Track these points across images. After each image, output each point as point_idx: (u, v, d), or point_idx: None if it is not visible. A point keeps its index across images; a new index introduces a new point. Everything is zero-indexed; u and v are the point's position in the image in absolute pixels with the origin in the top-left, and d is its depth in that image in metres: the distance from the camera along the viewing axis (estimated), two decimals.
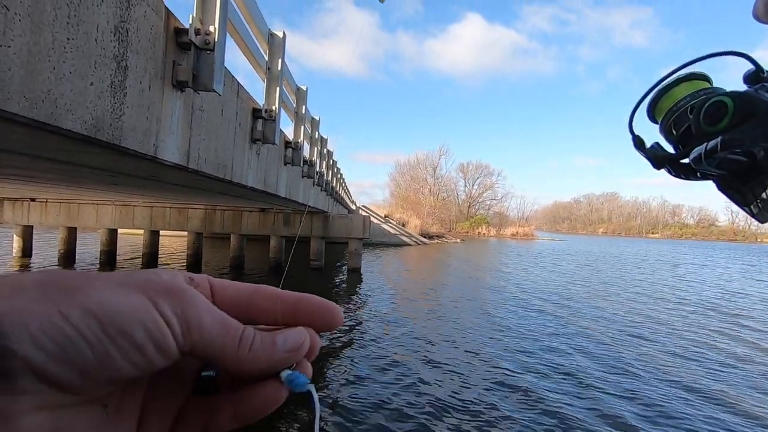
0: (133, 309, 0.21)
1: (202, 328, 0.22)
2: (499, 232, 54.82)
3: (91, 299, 0.20)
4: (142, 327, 0.21)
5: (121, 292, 0.21)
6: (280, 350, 0.25)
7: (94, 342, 0.19)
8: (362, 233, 12.26)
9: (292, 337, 0.26)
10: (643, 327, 7.28)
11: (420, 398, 3.90)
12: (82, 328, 0.19)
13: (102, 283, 0.21)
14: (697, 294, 11.71)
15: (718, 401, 4.24)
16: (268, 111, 3.83)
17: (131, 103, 1.93)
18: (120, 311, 0.20)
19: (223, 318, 0.23)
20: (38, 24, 1.33)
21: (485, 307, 8.29)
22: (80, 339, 0.19)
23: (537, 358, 5.24)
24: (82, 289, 0.20)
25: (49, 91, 1.44)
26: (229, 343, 0.23)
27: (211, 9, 2.25)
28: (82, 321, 0.19)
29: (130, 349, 0.20)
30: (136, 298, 0.21)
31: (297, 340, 0.26)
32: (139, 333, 0.21)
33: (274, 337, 0.25)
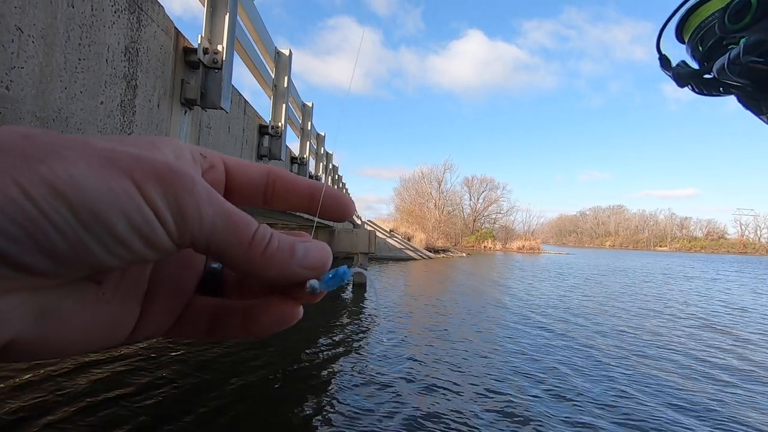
0: (112, 193, 0.17)
1: (203, 222, 0.19)
2: (505, 245, 54.52)
3: (58, 174, 0.16)
4: (124, 216, 0.17)
5: (99, 170, 0.17)
6: (298, 263, 0.21)
7: (65, 228, 0.16)
8: (368, 248, 12.23)
9: (314, 251, 0.22)
10: (655, 346, 7.14)
11: (424, 421, 3.82)
12: (48, 210, 0.16)
13: (75, 155, 0.17)
14: (710, 310, 11.50)
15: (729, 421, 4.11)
16: (275, 127, 3.87)
17: (140, 122, 1.95)
18: (95, 194, 0.16)
19: (230, 212, 0.20)
20: (51, 45, 1.36)
21: (491, 325, 8.18)
22: (47, 223, 0.16)
23: (539, 380, 5.13)
24: (48, 160, 0.16)
25: (60, 110, 1.46)
26: (237, 241, 0.19)
27: (219, 29, 2.30)
28: (46, 201, 0.15)
29: (110, 241, 0.17)
30: (117, 180, 0.17)
31: (319, 257, 0.22)
32: (120, 223, 0.17)
33: (293, 244, 0.21)
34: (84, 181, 0.16)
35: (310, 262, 0.22)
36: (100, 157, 0.17)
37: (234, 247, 0.19)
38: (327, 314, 8.01)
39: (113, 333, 0.21)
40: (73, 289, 0.19)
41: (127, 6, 1.73)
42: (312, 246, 0.22)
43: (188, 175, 0.19)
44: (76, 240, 0.16)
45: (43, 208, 0.15)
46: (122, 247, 0.17)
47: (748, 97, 0.60)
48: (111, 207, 0.17)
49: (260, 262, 0.20)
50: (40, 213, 0.15)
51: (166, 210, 0.18)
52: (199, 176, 0.20)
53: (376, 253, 20.14)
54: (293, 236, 0.24)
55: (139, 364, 4.65)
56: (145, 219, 0.17)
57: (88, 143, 0.17)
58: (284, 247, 0.21)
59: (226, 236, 0.19)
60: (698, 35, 0.63)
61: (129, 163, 0.17)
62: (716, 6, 0.61)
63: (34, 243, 0.16)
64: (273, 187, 0.25)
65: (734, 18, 0.54)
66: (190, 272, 0.25)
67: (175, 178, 0.18)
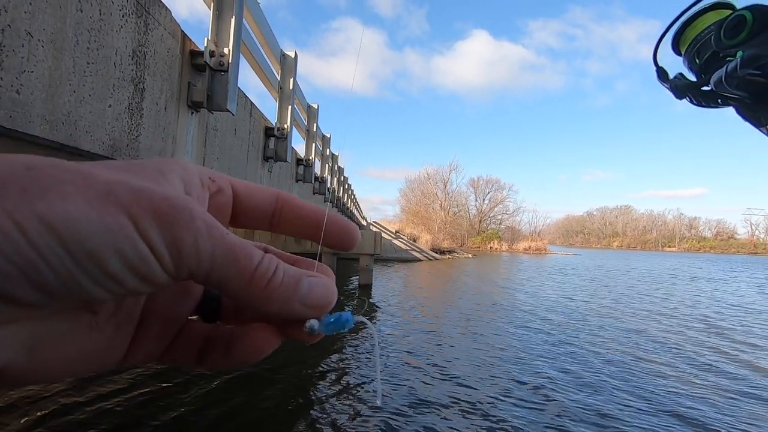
0: (107, 230, 0.17)
1: (201, 256, 0.18)
2: (511, 246, 54.29)
3: (54, 210, 0.16)
4: (117, 253, 0.17)
5: (96, 205, 0.17)
6: (300, 301, 0.21)
7: (56, 264, 0.16)
8: (373, 249, 12.23)
9: (318, 289, 0.22)
10: (672, 352, 7.06)
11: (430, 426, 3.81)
12: (40, 246, 0.16)
13: (75, 190, 0.17)
14: (721, 313, 11.37)
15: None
16: (280, 129, 3.88)
17: (147, 124, 1.97)
18: (89, 231, 0.16)
19: (231, 244, 0.19)
20: (60, 49, 1.38)
21: (498, 326, 8.14)
22: (38, 258, 0.16)
23: (549, 390, 5.10)
24: (45, 195, 0.16)
25: (68, 113, 1.47)
26: (237, 275, 0.19)
27: (225, 31, 2.31)
28: (40, 237, 0.16)
29: (102, 277, 0.17)
30: (112, 217, 0.17)
31: (323, 296, 0.22)
32: (113, 260, 0.17)
33: (298, 279, 0.21)
34: (79, 218, 0.16)
35: (313, 301, 0.21)
36: (99, 192, 0.17)
37: (234, 280, 0.19)
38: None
39: (103, 359, 0.21)
40: (66, 318, 0.19)
41: (134, 10, 1.75)
42: (317, 283, 0.22)
43: (186, 209, 0.18)
44: (68, 275, 0.16)
45: (36, 243, 0.15)
46: (114, 282, 0.17)
47: (747, 109, 0.61)
48: (105, 244, 0.17)
49: (262, 295, 0.20)
50: (32, 248, 0.15)
51: (162, 245, 0.18)
52: (199, 208, 0.19)
53: (382, 254, 20.13)
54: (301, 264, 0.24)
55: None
56: (139, 255, 0.17)
57: (90, 176, 0.17)
58: (288, 281, 0.21)
59: (226, 270, 0.19)
60: (695, 48, 0.63)
61: (127, 197, 0.17)
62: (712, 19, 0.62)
63: (24, 277, 0.16)
64: (281, 212, 0.25)
65: (730, 33, 0.55)
66: (187, 299, 0.25)
67: (173, 213, 0.18)
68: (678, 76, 0.68)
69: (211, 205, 0.23)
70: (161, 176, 0.20)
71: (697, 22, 0.64)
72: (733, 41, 0.55)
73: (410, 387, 4.53)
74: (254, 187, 0.25)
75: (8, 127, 1.20)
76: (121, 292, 0.18)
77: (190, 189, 0.21)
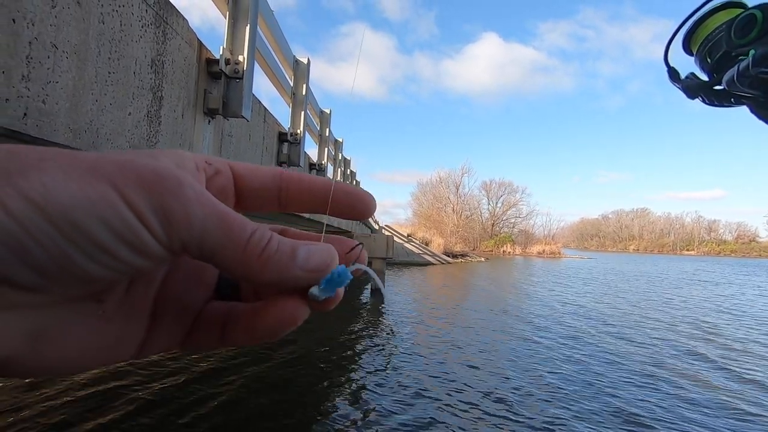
0: (90, 201, 0.16)
1: (192, 224, 0.18)
2: (524, 250, 53.72)
3: (33, 185, 0.16)
4: (104, 223, 0.16)
5: (78, 178, 0.16)
6: (299, 266, 0.20)
7: (45, 240, 0.16)
8: (386, 253, 12.23)
9: (316, 254, 0.21)
10: (692, 360, 6.90)
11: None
12: (26, 223, 0.15)
13: (55, 165, 0.16)
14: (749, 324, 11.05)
15: None
16: (294, 134, 3.93)
17: (165, 131, 2.01)
18: (71, 202, 0.16)
19: (223, 212, 0.19)
20: (83, 60, 1.42)
21: (513, 334, 8.06)
22: (26, 236, 0.15)
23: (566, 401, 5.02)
24: (25, 172, 0.16)
25: (91, 122, 1.52)
26: (231, 243, 0.18)
27: (240, 39, 2.36)
28: (22, 213, 0.15)
29: (93, 250, 0.16)
30: (94, 188, 0.16)
31: (321, 259, 0.21)
32: (101, 231, 0.16)
33: (294, 246, 0.20)
34: (59, 190, 0.16)
35: (312, 265, 0.20)
36: (81, 168, 0.17)
37: (228, 249, 0.18)
38: (342, 319, 8.02)
39: (116, 351, 0.21)
40: (71, 307, 0.19)
41: (153, 20, 1.80)
42: (315, 248, 0.21)
43: (173, 177, 0.18)
44: (58, 252, 0.16)
45: (21, 221, 0.15)
46: (107, 255, 0.17)
47: (761, 108, 0.60)
48: (89, 214, 0.16)
49: (257, 265, 0.19)
50: (17, 225, 0.15)
51: (151, 214, 0.17)
52: (188, 177, 0.19)
53: (394, 258, 20.10)
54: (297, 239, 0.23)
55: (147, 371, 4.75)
56: (127, 224, 0.17)
57: (74, 155, 0.17)
58: (284, 249, 0.20)
59: (218, 238, 0.18)
60: (706, 47, 0.63)
61: (111, 170, 0.17)
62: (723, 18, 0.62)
63: (14, 257, 0.15)
64: (287, 189, 0.24)
65: (740, 32, 0.55)
66: (201, 285, 0.24)
67: (159, 181, 0.18)
68: (690, 75, 0.68)
69: (210, 188, 0.22)
70: (152, 158, 0.20)
71: (708, 21, 0.63)
72: (744, 40, 0.55)
73: (423, 396, 4.51)
74: (254, 166, 0.24)
75: (35, 136, 1.25)
76: (117, 267, 0.17)
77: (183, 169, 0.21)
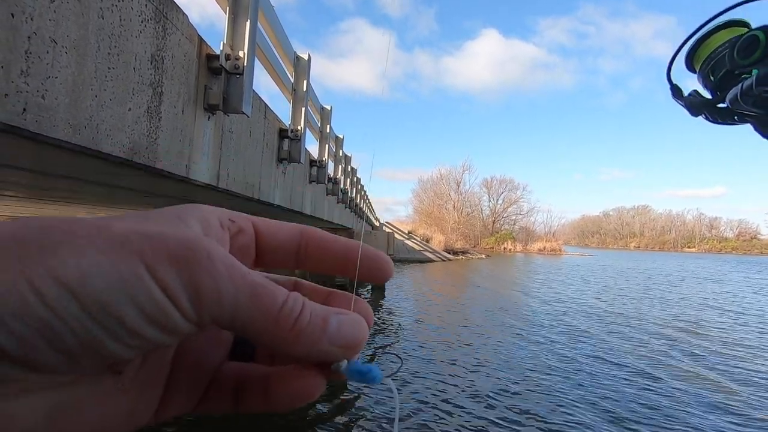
0: (121, 280, 0.16)
1: (222, 299, 0.17)
2: (525, 247, 53.75)
3: (67, 267, 0.15)
4: (133, 303, 0.16)
5: (111, 256, 0.16)
6: (329, 340, 0.20)
7: (73, 323, 0.15)
8: (386, 250, 12.26)
9: (348, 327, 0.20)
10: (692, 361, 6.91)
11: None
12: (55, 305, 0.15)
13: (88, 242, 0.16)
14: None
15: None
16: (294, 131, 3.92)
17: (166, 127, 2.01)
18: (103, 284, 0.16)
19: (254, 284, 0.18)
20: (83, 55, 1.42)
21: (513, 330, 8.07)
22: (54, 318, 0.15)
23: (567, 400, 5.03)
24: (60, 251, 0.16)
25: (90, 117, 1.52)
26: (262, 316, 0.18)
27: (240, 35, 2.35)
28: (53, 296, 0.15)
29: (122, 332, 0.16)
30: (126, 266, 0.16)
31: (353, 335, 0.20)
32: (130, 311, 0.16)
33: (326, 317, 0.20)
34: (92, 271, 0.16)
35: (343, 340, 0.20)
36: (113, 242, 0.17)
37: (259, 322, 0.18)
38: None
39: (132, 419, 0.20)
40: (90, 382, 0.18)
41: (153, 15, 1.79)
42: (347, 321, 0.20)
43: (204, 249, 0.18)
44: (86, 334, 0.16)
45: (50, 303, 0.15)
46: (134, 335, 0.17)
47: (764, 126, 0.61)
48: (119, 295, 0.16)
49: (288, 337, 0.19)
50: (47, 308, 0.15)
51: (181, 291, 0.17)
52: (218, 248, 0.18)
53: (395, 255, 20.14)
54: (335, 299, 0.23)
55: None
56: (157, 305, 0.17)
57: (106, 228, 0.17)
58: (315, 321, 0.19)
59: (250, 311, 0.18)
60: (709, 65, 0.64)
61: (141, 245, 0.17)
62: (725, 37, 0.62)
63: (41, 340, 0.15)
64: (306, 248, 0.24)
65: (744, 53, 0.56)
66: (218, 345, 0.23)
67: (190, 255, 0.17)
68: (693, 93, 0.69)
69: (232, 246, 0.22)
70: (179, 221, 0.20)
71: (711, 39, 0.64)
72: (747, 61, 0.56)
73: (426, 394, 4.52)
74: (276, 224, 0.24)
75: (35, 132, 1.25)
76: (142, 346, 0.17)
77: (209, 231, 0.21)
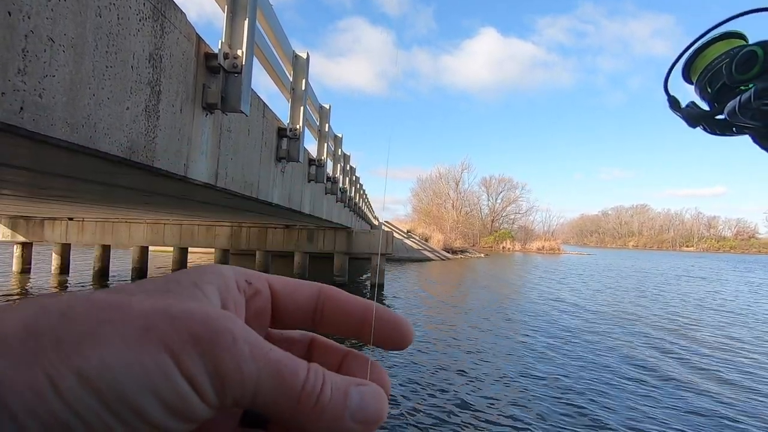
0: (145, 373, 0.16)
1: (245, 381, 0.17)
2: (524, 246, 53.77)
3: (90, 362, 0.15)
4: (155, 396, 0.16)
5: (134, 345, 0.16)
6: (351, 417, 0.19)
7: (89, 417, 0.15)
8: (385, 248, 12.24)
9: (370, 401, 0.19)
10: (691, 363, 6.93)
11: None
12: (74, 402, 0.15)
13: (112, 330, 0.16)
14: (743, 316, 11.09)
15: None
16: (293, 130, 3.92)
17: (164, 126, 2.00)
18: (126, 378, 0.16)
19: (276, 363, 0.18)
20: (80, 54, 1.41)
21: (512, 329, 8.08)
22: (73, 417, 0.15)
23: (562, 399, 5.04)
24: (81, 343, 0.16)
25: (88, 116, 1.51)
26: (284, 396, 0.18)
27: (239, 34, 2.34)
28: (74, 393, 0.15)
29: (138, 424, 0.16)
30: (150, 357, 0.16)
31: (376, 410, 0.19)
32: (151, 404, 0.16)
33: (346, 391, 0.19)
34: (115, 365, 0.16)
35: (365, 416, 0.19)
36: (136, 328, 0.16)
37: (281, 401, 0.18)
38: None
39: None
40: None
41: (150, 14, 1.78)
42: (368, 394, 0.20)
43: (227, 331, 0.17)
44: (101, 428, 0.15)
45: (69, 400, 0.15)
46: (152, 428, 0.16)
47: (763, 138, 0.62)
48: (143, 389, 0.16)
49: (311, 415, 0.18)
50: (65, 406, 0.15)
51: (205, 378, 0.17)
52: (240, 326, 0.18)
53: (394, 254, 20.13)
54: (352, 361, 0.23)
55: None
56: (180, 396, 0.16)
57: (127, 308, 0.17)
58: (337, 395, 0.19)
59: (272, 391, 0.18)
60: (706, 77, 0.64)
61: (164, 329, 0.17)
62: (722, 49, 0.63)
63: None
64: (323, 309, 0.23)
65: (742, 68, 0.57)
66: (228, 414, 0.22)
67: (214, 339, 0.17)
68: (690, 104, 0.69)
69: (249, 310, 0.22)
70: (197, 290, 0.20)
71: (708, 51, 0.64)
72: (745, 76, 0.57)
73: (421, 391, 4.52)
74: (294, 283, 0.23)
75: (32, 130, 1.24)
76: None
77: (227, 297, 0.21)
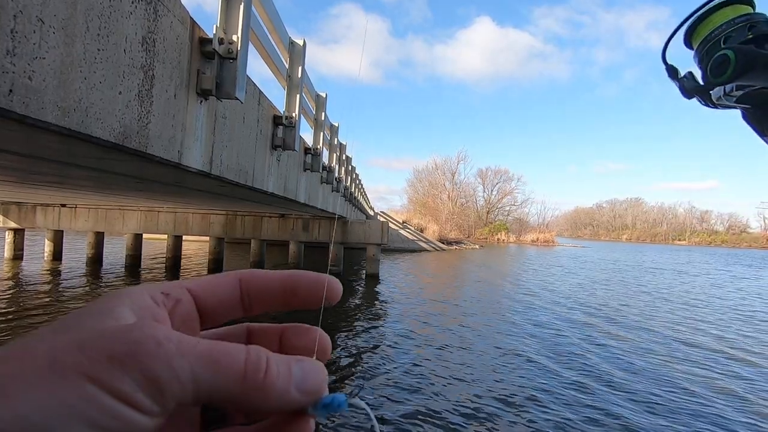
0: (71, 408, 0.15)
1: (181, 379, 0.16)
2: (518, 238, 54.07)
3: (4, 419, 0.14)
4: (92, 426, 0.15)
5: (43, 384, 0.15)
6: (296, 388, 0.19)
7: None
8: (380, 239, 12.25)
9: (311, 374, 0.20)
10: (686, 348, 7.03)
11: (434, 419, 3.85)
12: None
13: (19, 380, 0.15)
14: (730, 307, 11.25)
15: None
16: (289, 118, 3.88)
17: (157, 112, 1.98)
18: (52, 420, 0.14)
19: (208, 351, 0.17)
20: (71, 36, 1.38)
21: (505, 318, 8.15)
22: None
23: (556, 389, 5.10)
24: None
25: (80, 100, 1.49)
26: (227, 380, 0.17)
27: (234, 19, 2.30)
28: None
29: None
30: (72, 391, 0.15)
31: (317, 380, 0.20)
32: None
33: (289, 366, 0.19)
34: (30, 412, 0.14)
35: (309, 386, 0.20)
36: (43, 368, 0.15)
37: (225, 387, 0.17)
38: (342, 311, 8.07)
39: None
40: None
41: None
42: (308, 367, 0.20)
43: (150, 338, 0.17)
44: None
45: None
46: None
47: (753, 116, 0.64)
48: (75, 424, 0.15)
49: (259, 394, 0.18)
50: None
51: (134, 388, 0.16)
52: (159, 328, 0.17)
53: (389, 245, 20.15)
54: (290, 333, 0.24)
55: None
56: (113, 415, 0.15)
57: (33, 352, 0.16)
58: (284, 371, 0.19)
59: (212, 380, 0.17)
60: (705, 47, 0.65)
61: (74, 359, 0.15)
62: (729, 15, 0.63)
63: None
64: (248, 293, 0.23)
65: (716, 71, 0.60)
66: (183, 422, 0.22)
67: (134, 349, 0.16)
68: (687, 75, 0.69)
69: (173, 320, 0.21)
70: (107, 316, 0.18)
71: (714, 16, 0.64)
72: (720, 80, 0.60)
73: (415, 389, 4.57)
74: (212, 280, 0.23)
75: (22, 113, 1.22)
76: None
77: (144, 314, 0.20)
